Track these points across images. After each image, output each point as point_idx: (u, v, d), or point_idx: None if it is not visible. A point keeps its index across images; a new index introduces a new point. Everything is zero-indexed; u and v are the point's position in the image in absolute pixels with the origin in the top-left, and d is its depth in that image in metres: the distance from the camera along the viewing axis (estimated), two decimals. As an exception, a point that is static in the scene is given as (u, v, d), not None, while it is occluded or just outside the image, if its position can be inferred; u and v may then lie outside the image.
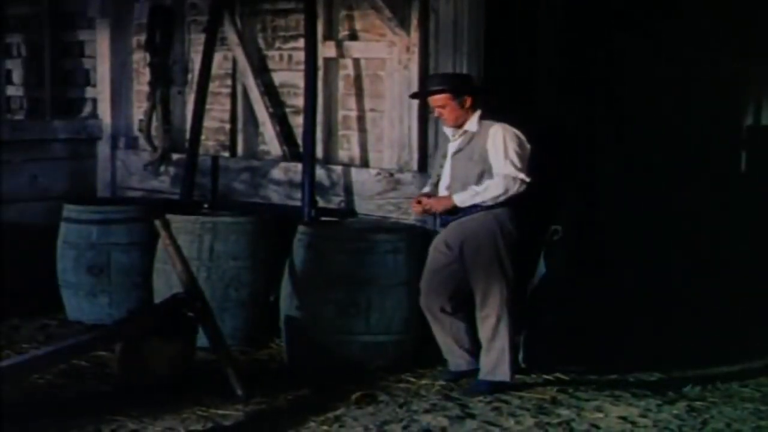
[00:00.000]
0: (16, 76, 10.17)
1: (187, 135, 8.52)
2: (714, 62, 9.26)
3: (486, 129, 6.55)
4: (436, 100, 6.62)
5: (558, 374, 6.88)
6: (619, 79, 8.69)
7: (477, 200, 6.52)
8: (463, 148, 6.61)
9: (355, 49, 7.84)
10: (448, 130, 6.74)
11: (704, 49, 9.14)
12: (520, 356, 6.92)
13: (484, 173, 6.55)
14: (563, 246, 6.84)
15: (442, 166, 6.77)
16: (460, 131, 6.63)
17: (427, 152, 7.39)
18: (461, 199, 6.54)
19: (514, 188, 6.48)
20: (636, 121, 8.64)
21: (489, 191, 6.49)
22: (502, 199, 6.51)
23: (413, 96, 7.10)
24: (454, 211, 6.62)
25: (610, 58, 8.52)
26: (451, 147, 6.68)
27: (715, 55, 9.29)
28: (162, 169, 8.88)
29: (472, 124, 6.59)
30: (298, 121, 8.11)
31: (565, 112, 8.23)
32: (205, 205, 8.02)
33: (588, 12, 8.27)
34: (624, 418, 6.07)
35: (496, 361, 6.55)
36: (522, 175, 6.47)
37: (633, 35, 8.58)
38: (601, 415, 6.15)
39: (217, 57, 8.47)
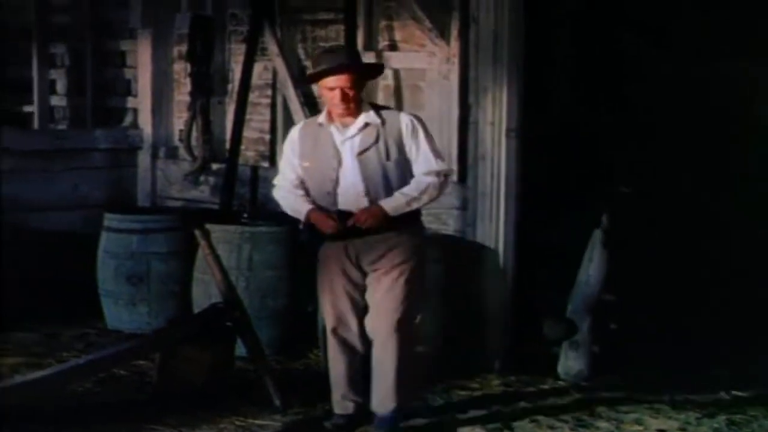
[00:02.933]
0: (60, 85, 10.23)
1: (227, 145, 8.56)
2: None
3: (392, 120, 5.81)
4: (340, 80, 5.68)
5: (597, 386, 6.84)
6: (642, 89, 8.61)
7: (414, 206, 5.78)
8: (370, 144, 5.75)
9: (395, 59, 7.84)
10: (332, 126, 5.80)
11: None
12: (559, 368, 6.90)
13: (405, 174, 5.78)
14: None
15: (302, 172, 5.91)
16: (357, 124, 5.77)
17: (467, 162, 7.35)
18: (393, 208, 5.71)
19: (447, 187, 6.00)
20: (661, 129, 8.55)
21: (427, 194, 5.76)
22: (434, 201, 5.93)
23: (312, 76, 5.96)
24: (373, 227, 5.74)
25: (633, 68, 8.45)
26: (348, 145, 5.78)
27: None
28: (202, 178, 8.91)
29: (370, 115, 5.80)
30: (337, 132, 8.11)
31: (587, 118, 8.17)
32: (244, 215, 8.03)
33: (607, 19, 8.20)
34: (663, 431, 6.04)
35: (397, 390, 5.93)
36: (450, 170, 6.07)
37: (657, 45, 8.51)
38: (640, 428, 6.12)
39: (258, 67, 8.49)
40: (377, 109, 5.91)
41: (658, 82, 8.24)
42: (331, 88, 5.71)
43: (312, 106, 8.31)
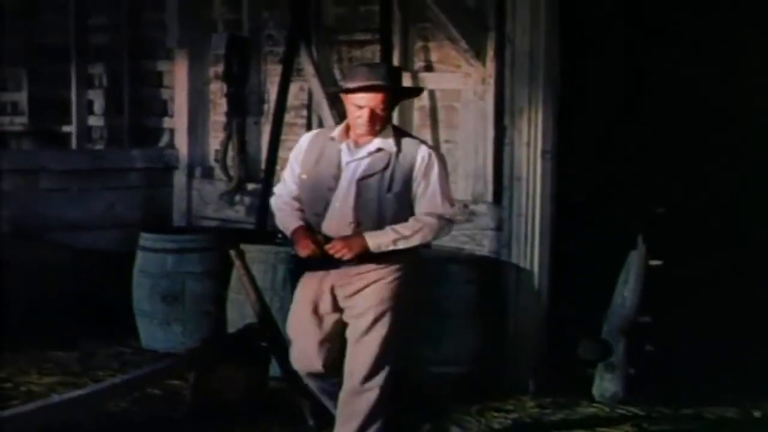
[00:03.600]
0: (98, 105, 10.30)
1: (263, 165, 8.57)
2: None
3: (409, 150, 5.34)
4: (374, 99, 5.25)
5: (633, 408, 6.80)
6: (679, 107, 8.57)
7: (400, 246, 5.30)
8: (376, 172, 5.30)
9: (430, 80, 7.84)
10: (344, 143, 5.36)
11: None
12: (594, 389, 6.86)
13: (404, 209, 5.33)
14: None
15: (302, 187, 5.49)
16: (369, 147, 5.33)
17: (502, 183, 7.34)
18: (377, 244, 5.26)
19: (446, 233, 5.50)
20: (698, 148, 8.49)
21: (419, 234, 5.31)
22: (425, 243, 5.49)
23: (345, 90, 5.41)
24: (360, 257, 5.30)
25: (670, 86, 8.41)
26: (352, 166, 5.33)
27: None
28: (237, 198, 8.93)
29: (387, 140, 5.34)
30: (373, 152, 8.11)
31: (622, 138, 8.13)
32: (279, 235, 8.04)
33: (644, 38, 8.17)
34: (700, 455, 6.01)
35: None
36: (455, 218, 5.57)
37: (696, 63, 8.47)
38: (676, 450, 6.08)
39: (293, 88, 8.50)
40: (399, 134, 5.44)
41: (696, 101, 8.21)
42: (360, 105, 5.26)
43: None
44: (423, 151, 5.35)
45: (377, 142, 5.33)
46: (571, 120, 7.31)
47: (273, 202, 5.66)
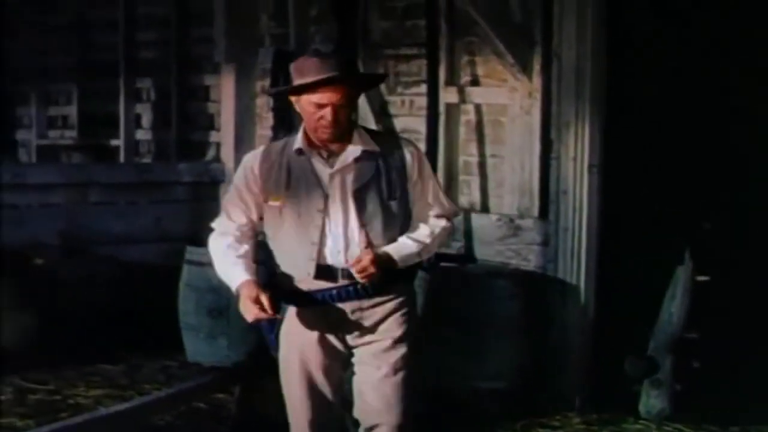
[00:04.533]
0: (145, 119, 10.37)
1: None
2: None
3: (392, 149, 4.61)
4: (334, 95, 4.41)
5: (679, 425, 6.76)
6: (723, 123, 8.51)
7: (424, 257, 4.67)
8: (369, 181, 4.52)
9: (476, 94, 7.83)
10: (314, 154, 4.52)
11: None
12: (640, 406, 6.82)
13: (407, 216, 4.61)
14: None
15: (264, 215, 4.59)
16: (350, 153, 4.51)
17: (549, 198, 7.31)
18: (402, 257, 4.54)
19: (451, 234, 4.91)
20: (745, 164, 8.42)
21: (438, 241, 4.68)
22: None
23: (295, 89, 4.51)
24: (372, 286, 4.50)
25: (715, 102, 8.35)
26: (338, 180, 4.50)
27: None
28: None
29: (366, 140, 4.58)
30: (418, 166, 8.10)
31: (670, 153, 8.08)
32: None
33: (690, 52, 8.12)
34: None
35: None
36: (459, 211, 5.23)
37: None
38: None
39: (340, 102, 8.51)
40: (371, 133, 4.70)
41: (743, 116, 8.17)
42: (321, 104, 4.40)
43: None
44: (408, 146, 4.66)
45: (357, 145, 4.52)
46: (617, 134, 7.28)
47: (211, 243, 4.69)
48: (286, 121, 8.81)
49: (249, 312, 4.41)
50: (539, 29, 7.30)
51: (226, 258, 4.59)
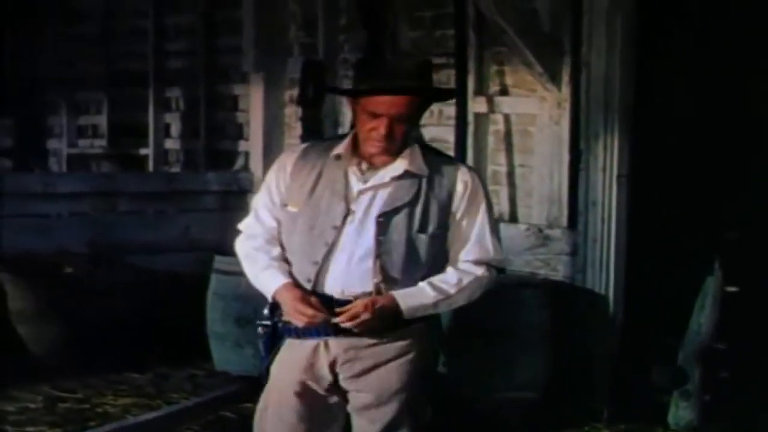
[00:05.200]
0: (174, 129, 10.40)
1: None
2: None
3: (445, 174, 4.00)
4: (395, 105, 3.88)
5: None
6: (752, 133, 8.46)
7: (441, 310, 4.03)
8: (403, 205, 3.93)
9: (505, 104, 7.81)
10: (353, 163, 4.02)
11: None
12: (669, 417, 6.78)
13: (441, 255, 4.00)
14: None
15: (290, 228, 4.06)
16: (391, 170, 3.97)
17: (577, 208, 7.29)
18: (411, 308, 3.90)
19: (487, 288, 4.11)
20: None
21: (466, 293, 4.01)
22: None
23: (357, 92, 4.03)
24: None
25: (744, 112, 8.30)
26: (367, 197, 3.96)
27: None
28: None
29: (415, 160, 3.99)
30: (447, 176, 8.09)
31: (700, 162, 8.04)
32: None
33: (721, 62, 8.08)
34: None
35: None
36: (503, 263, 4.16)
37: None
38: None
39: (368, 111, 8.51)
40: (428, 152, 4.07)
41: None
42: (377, 114, 3.87)
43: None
44: (464, 175, 4.01)
45: (402, 163, 3.94)
46: (646, 144, 7.25)
47: (240, 246, 4.23)
48: (314, 131, 8.82)
49: (301, 314, 3.88)
50: (568, 39, 7.28)
51: (258, 262, 4.10)
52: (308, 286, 3.96)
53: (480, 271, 4.01)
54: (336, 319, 3.88)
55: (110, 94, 11.07)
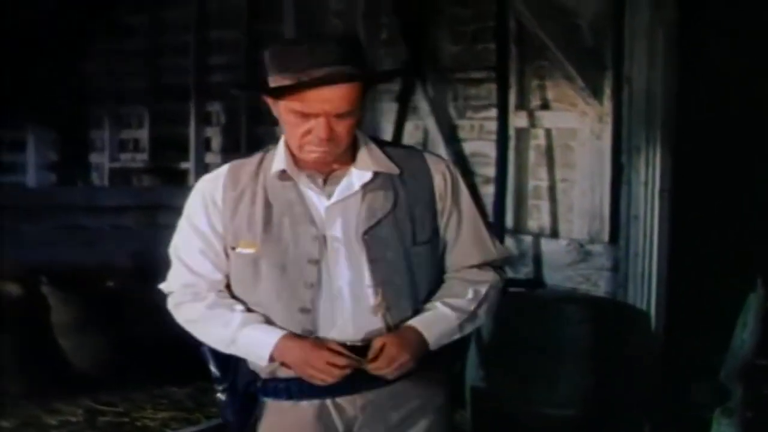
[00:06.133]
0: (215, 143, 10.44)
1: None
2: None
3: (415, 168, 3.26)
4: (333, 98, 3.05)
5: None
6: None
7: (467, 331, 3.27)
8: (385, 214, 3.17)
9: (546, 118, 7.79)
10: (302, 178, 3.20)
11: None
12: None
13: (439, 266, 3.30)
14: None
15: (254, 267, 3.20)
16: (356, 177, 3.19)
17: (619, 223, 7.25)
18: (437, 336, 3.19)
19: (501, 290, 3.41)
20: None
21: (486, 305, 3.29)
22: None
23: (276, 90, 3.16)
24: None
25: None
26: (340, 215, 3.17)
27: None
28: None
29: (378, 157, 3.23)
30: (488, 191, 8.08)
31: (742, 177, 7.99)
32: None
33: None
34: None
35: None
36: (510, 254, 3.63)
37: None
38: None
39: (408, 126, 8.52)
40: (383, 147, 3.29)
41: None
42: (307, 114, 3.07)
43: (462, 165, 8.28)
44: (438, 165, 3.30)
45: (365, 164, 3.19)
46: (688, 159, 7.21)
47: (179, 312, 3.42)
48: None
49: (332, 366, 3.06)
50: (610, 53, 7.26)
51: (227, 323, 3.18)
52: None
53: (490, 275, 3.34)
54: (370, 366, 3.08)
55: (152, 108, 11.13)
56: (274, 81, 3.13)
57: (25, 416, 7.05)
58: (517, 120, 7.88)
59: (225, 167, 3.31)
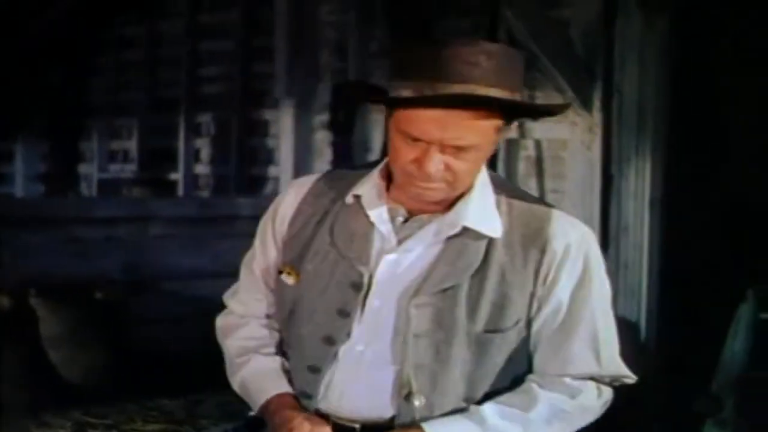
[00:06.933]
0: (204, 154, 10.43)
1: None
2: None
3: (528, 231, 2.47)
4: (448, 123, 2.32)
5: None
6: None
7: None
8: (462, 285, 2.43)
9: (536, 129, 7.80)
10: (380, 206, 2.51)
11: None
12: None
13: (516, 362, 2.50)
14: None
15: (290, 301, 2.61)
16: (440, 223, 2.47)
17: (609, 233, 7.25)
18: None
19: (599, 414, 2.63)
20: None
21: (555, 430, 2.51)
22: None
23: (394, 102, 2.38)
24: None
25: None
26: (394, 263, 2.48)
27: None
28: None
29: (484, 208, 2.48)
30: (478, 202, 8.08)
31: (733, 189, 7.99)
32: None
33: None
34: None
35: None
36: (627, 378, 2.73)
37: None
38: None
39: (399, 137, 8.51)
40: (503, 192, 2.52)
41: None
42: (416, 137, 2.35)
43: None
44: (565, 231, 2.49)
45: (461, 213, 2.45)
46: (679, 169, 7.22)
47: (223, 333, 2.85)
48: (345, 156, 8.83)
49: None
50: (600, 64, 7.27)
51: (244, 360, 2.73)
52: (309, 406, 2.55)
53: (591, 392, 2.59)
54: None
55: (142, 120, 11.13)
56: (393, 87, 2.38)
57: (15, 429, 7.02)
58: (507, 131, 7.86)
59: (319, 174, 2.75)
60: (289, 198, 2.67)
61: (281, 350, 2.68)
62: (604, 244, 7.28)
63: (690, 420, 6.92)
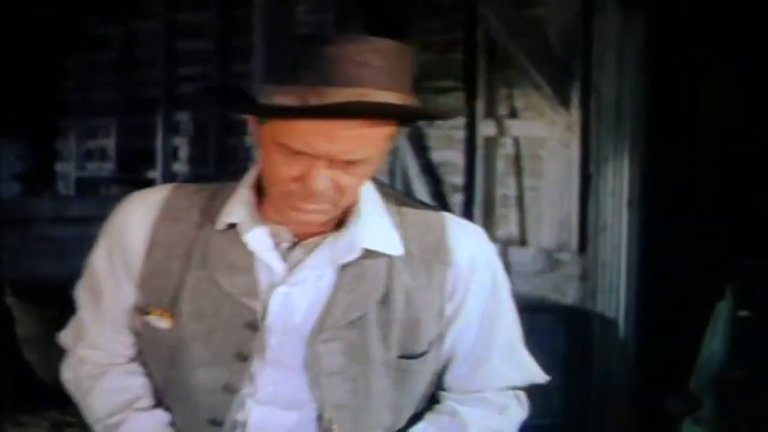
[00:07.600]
0: (183, 153, 10.40)
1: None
2: None
3: (428, 245, 2.23)
4: (354, 136, 1.99)
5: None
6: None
7: None
8: (369, 313, 2.17)
9: (515, 127, 7.79)
10: (257, 229, 2.16)
11: None
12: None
13: (429, 385, 2.33)
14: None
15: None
16: (331, 245, 2.16)
17: (587, 232, 7.26)
18: None
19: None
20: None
21: None
22: None
23: (269, 112, 2.07)
24: None
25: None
26: (291, 298, 2.15)
27: None
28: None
29: (378, 224, 2.20)
30: (456, 199, 8.09)
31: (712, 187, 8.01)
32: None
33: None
34: None
35: None
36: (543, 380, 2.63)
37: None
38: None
39: (377, 135, 8.50)
40: (393, 203, 2.27)
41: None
42: (299, 151, 2.03)
43: (431, 174, 8.27)
44: (468, 244, 2.29)
45: (356, 233, 2.17)
46: (657, 168, 7.23)
47: (78, 388, 2.61)
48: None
49: None
50: (579, 63, 7.27)
51: (119, 416, 2.31)
52: None
53: (509, 406, 2.55)
54: None
55: (120, 118, 11.09)
56: (268, 93, 2.08)
57: (-9, 429, 7.00)
58: (486, 129, 7.87)
59: (164, 192, 2.30)
60: (135, 225, 2.30)
61: (157, 398, 2.30)
62: (582, 243, 7.29)
63: (665, 418, 6.94)
